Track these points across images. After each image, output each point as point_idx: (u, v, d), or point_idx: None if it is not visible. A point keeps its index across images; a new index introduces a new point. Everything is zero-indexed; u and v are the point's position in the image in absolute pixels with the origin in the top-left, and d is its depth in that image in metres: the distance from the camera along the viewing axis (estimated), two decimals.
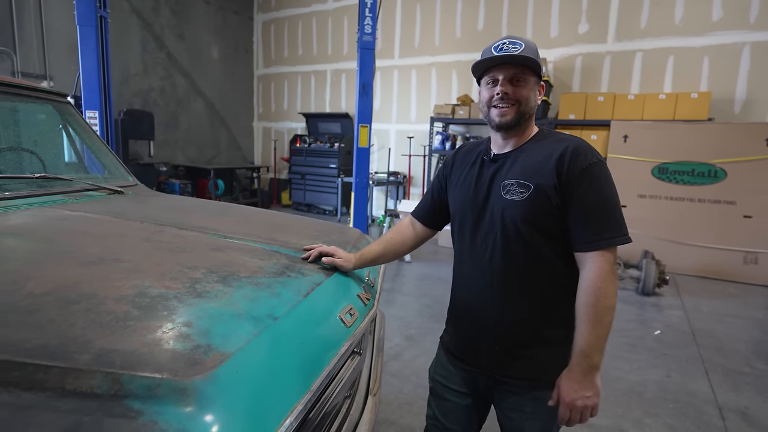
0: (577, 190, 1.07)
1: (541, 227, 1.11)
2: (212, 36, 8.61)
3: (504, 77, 1.12)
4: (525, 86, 1.13)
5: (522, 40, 1.11)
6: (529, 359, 1.17)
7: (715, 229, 4.98)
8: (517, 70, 1.12)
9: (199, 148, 8.66)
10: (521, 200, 1.11)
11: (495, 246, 1.16)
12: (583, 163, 1.07)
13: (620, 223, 1.07)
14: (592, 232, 1.06)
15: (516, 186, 1.12)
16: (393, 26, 7.64)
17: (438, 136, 6.85)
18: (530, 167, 1.12)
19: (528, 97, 1.13)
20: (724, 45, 5.39)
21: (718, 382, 2.72)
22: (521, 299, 1.16)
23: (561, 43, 6.32)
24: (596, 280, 1.04)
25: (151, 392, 0.67)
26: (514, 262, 1.14)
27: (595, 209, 1.06)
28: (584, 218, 1.07)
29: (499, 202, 1.15)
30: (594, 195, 1.06)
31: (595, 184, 1.07)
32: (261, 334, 0.87)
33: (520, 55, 1.09)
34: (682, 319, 3.78)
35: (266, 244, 1.36)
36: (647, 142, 5.24)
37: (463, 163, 1.29)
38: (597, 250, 1.06)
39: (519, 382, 1.18)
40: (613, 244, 1.05)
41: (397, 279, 4.70)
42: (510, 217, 1.12)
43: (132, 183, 2.13)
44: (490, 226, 1.17)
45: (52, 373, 0.67)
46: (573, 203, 1.07)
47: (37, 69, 6.07)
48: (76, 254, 1.07)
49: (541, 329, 1.16)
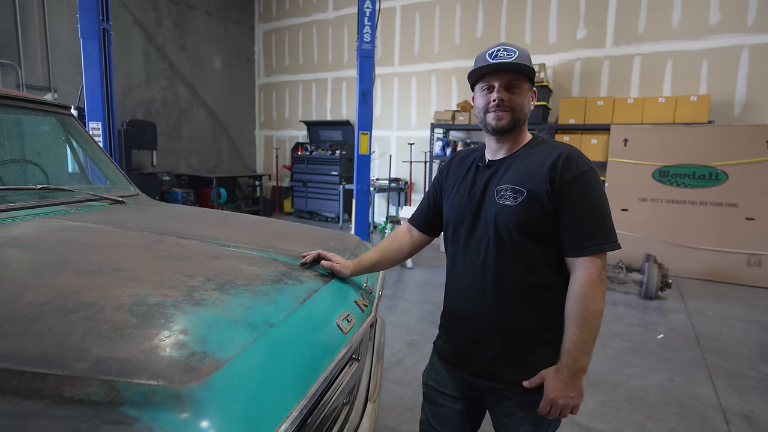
0: (569, 196, 1.09)
1: (533, 232, 1.12)
2: (214, 46, 8.71)
3: (500, 84, 1.14)
4: (520, 93, 1.15)
5: (515, 48, 1.14)
6: (522, 364, 1.17)
7: (717, 231, 4.97)
8: (512, 77, 1.14)
9: (201, 157, 8.72)
10: (514, 205, 1.12)
11: (488, 250, 1.17)
12: (575, 170, 1.09)
13: (610, 229, 1.10)
14: (582, 238, 1.08)
15: (509, 191, 1.14)
16: (392, 34, 7.71)
17: (438, 142, 6.88)
18: (524, 173, 1.14)
19: (522, 105, 1.16)
20: (723, 48, 5.41)
21: (722, 385, 2.70)
22: (513, 304, 1.17)
23: (560, 49, 6.35)
24: (584, 286, 1.06)
25: (147, 399, 0.68)
26: (506, 267, 1.15)
27: (586, 216, 1.09)
28: (575, 224, 1.09)
29: (493, 207, 1.16)
30: (585, 202, 1.09)
31: (586, 191, 1.09)
32: (257, 340, 0.88)
33: (515, 63, 1.11)
34: (686, 322, 3.76)
35: (264, 252, 1.37)
36: (647, 145, 5.25)
37: (458, 170, 1.31)
38: (587, 255, 1.08)
39: (511, 387, 1.19)
40: (602, 251, 1.08)
41: (399, 285, 4.70)
42: (503, 222, 1.14)
43: (133, 193, 2.15)
44: (483, 230, 1.18)
45: (49, 381, 0.68)
46: (564, 209, 1.09)
47: (41, 81, 6.15)
48: (76, 264, 1.09)
49: (533, 334, 1.17)
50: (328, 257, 1.35)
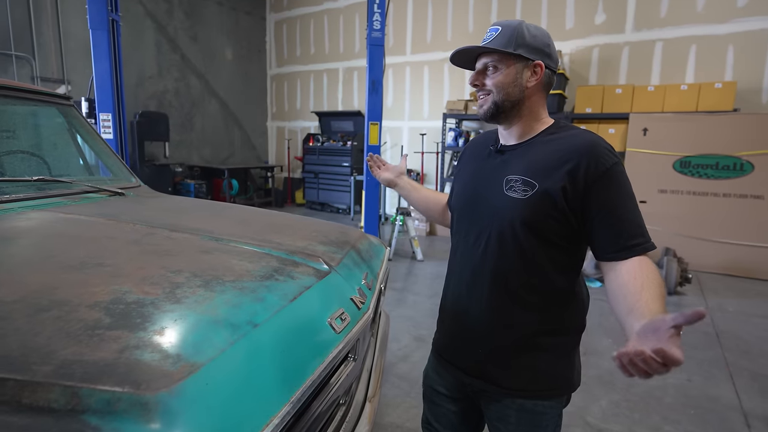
0: (601, 193, 0.97)
1: (541, 231, 1.03)
2: (225, 37, 8.68)
3: (477, 69, 1.11)
4: (498, 72, 1.06)
5: (502, 24, 1.07)
6: (516, 368, 1.10)
7: (741, 224, 4.76)
8: (489, 58, 1.07)
9: (213, 148, 8.75)
10: (522, 199, 1.03)
11: (489, 244, 1.09)
12: (605, 164, 0.97)
13: (644, 226, 1.00)
14: (624, 240, 0.96)
15: (520, 183, 1.04)
16: (404, 22, 7.56)
17: (451, 132, 6.76)
18: (538, 165, 1.03)
19: (504, 84, 1.05)
20: (751, 32, 5.14)
21: (744, 386, 2.58)
22: (509, 304, 1.08)
23: (577, 35, 6.14)
24: (650, 263, 0.94)
25: (111, 407, 0.63)
26: (506, 263, 1.07)
27: (624, 215, 0.98)
28: (614, 226, 0.97)
29: (499, 198, 1.07)
30: (621, 198, 0.98)
31: (620, 187, 0.98)
32: (238, 342, 0.83)
33: (479, 46, 1.06)
34: (706, 319, 3.62)
35: (258, 246, 1.32)
36: (668, 134, 5.05)
37: (472, 155, 1.25)
38: (634, 257, 0.96)
39: (503, 391, 1.11)
40: (647, 250, 0.97)
41: (410, 278, 4.65)
42: (508, 217, 1.05)
43: (135, 184, 2.12)
44: (486, 220, 1.10)
45: (8, 386, 0.64)
46: (597, 210, 0.98)
47: (55, 74, 6.20)
48: (59, 258, 1.05)
49: (529, 336, 1.08)
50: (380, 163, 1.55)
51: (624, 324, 0.88)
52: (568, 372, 1.12)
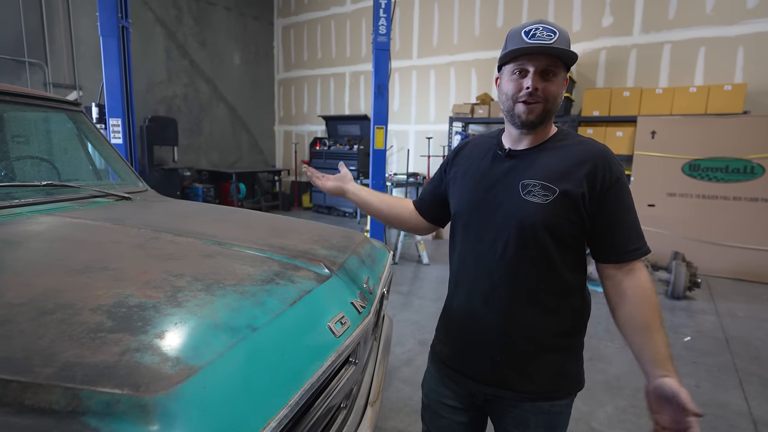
0: (613, 200, 1.03)
1: (559, 234, 1.05)
2: (233, 42, 8.78)
3: (535, 70, 1.00)
4: (556, 82, 1.02)
5: (556, 27, 1.00)
6: (534, 371, 1.10)
7: (751, 228, 4.70)
8: (551, 62, 1.00)
9: (221, 152, 8.83)
10: (544, 204, 1.03)
11: (507, 248, 1.07)
12: (616, 172, 1.04)
13: (641, 232, 1.08)
14: (627, 243, 1.05)
15: (539, 188, 1.04)
16: (411, 26, 7.59)
17: (457, 136, 6.75)
18: (555, 170, 1.04)
19: (556, 95, 1.04)
20: (761, 33, 5.09)
21: (754, 393, 2.54)
22: (529, 306, 1.08)
23: (584, 38, 6.12)
24: (650, 290, 1.03)
25: (110, 409, 0.65)
26: (525, 268, 1.07)
27: (627, 221, 1.05)
28: (620, 230, 1.05)
29: (517, 203, 1.06)
30: (626, 206, 1.05)
31: (626, 195, 1.05)
32: (236, 346, 0.84)
33: (556, 47, 0.97)
34: (715, 324, 3.57)
35: (260, 250, 1.34)
36: (677, 137, 5.00)
37: (470, 158, 1.20)
38: (633, 260, 1.05)
39: (521, 395, 1.11)
40: (645, 254, 1.06)
41: (415, 282, 4.64)
42: (529, 221, 1.04)
43: (142, 189, 2.16)
44: (502, 225, 1.08)
45: (11, 388, 0.65)
46: (607, 214, 1.04)
47: (67, 80, 6.32)
48: (65, 262, 1.07)
49: (546, 339, 1.09)
50: (318, 174, 1.49)
51: (636, 358, 1.03)
52: (580, 369, 1.16)
